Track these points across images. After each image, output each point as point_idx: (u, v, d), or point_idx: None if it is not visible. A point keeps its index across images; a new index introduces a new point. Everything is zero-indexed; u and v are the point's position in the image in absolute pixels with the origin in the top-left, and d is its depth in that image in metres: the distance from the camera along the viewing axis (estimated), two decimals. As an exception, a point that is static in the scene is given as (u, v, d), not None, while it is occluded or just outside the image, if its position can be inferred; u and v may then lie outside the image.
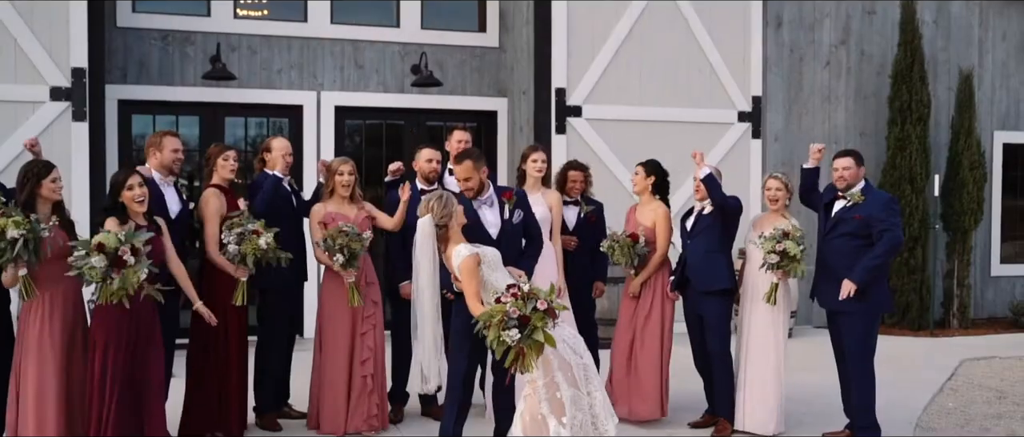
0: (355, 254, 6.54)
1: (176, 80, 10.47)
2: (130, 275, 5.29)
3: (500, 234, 5.99)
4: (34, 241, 5.33)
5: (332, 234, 6.55)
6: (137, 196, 5.72)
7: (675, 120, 11.10)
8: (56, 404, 5.59)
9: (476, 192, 5.94)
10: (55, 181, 5.68)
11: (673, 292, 7.15)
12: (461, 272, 5.49)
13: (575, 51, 10.86)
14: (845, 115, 12.27)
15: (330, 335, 6.75)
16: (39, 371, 5.58)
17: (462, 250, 5.53)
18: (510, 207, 6.06)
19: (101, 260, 5.26)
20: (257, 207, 6.67)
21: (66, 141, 9.21)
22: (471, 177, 5.89)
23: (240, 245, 6.27)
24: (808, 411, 7.46)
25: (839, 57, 12.23)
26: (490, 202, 6.02)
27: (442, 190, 5.73)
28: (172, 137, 6.57)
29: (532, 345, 5.02)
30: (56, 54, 9.24)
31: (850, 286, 6.30)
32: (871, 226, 6.37)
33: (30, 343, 5.60)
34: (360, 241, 6.58)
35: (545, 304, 5.03)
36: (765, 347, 6.82)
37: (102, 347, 5.55)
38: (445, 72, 11.29)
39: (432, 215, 5.57)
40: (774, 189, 6.88)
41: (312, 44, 10.94)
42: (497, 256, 5.64)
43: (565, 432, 5.52)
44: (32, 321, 5.59)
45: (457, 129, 7.62)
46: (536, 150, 7.37)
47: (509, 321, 4.97)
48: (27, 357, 5.60)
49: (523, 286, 5.12)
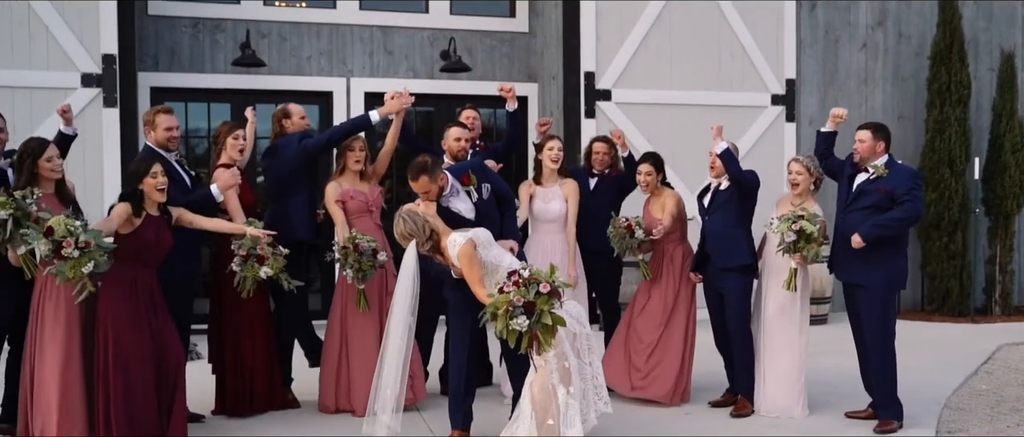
0: (366, 274, 6.56)
1: (207, 67, 10.58)
2: (65, 267, 5.15)
3: (477, 216, 5.99)
4: (24, 216, 5.30)
5: (347, 250, 6.51)
6: (159, 184, 5.78)
7: (706, 103, 10.96)
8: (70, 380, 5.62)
9: (439, 192, 5.91)
10: (51, 160, 5.72)
11: (694, 273, 7.07)
12: (461, 260, 5.52)
13: (604, 35, 10.78)
14: (882, 97, 12.05)
15: (355, 318, 6.75)
16: (49, 351, 5.61)
17: (457, 238, 5.56)
18: (475, 187, 6.04)
19: (46, 245, 5.15)
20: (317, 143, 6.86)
21: (98, 127, 9.35)
22: (430, 189, 5.85)
23: (242, 269, 6.25)
24: (833, 392, 7.33)
25: (876, 38, 12.01)
26: (455, 192, 5.99)
27: (399, 213, 5.71)
28: (166, 114, 6.54)
29: (544, 329, 5.04)
30: (87, 41, 9.38)
31: (858, 239, 6.18)
32: (895, 199, 6.25)
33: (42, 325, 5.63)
34: (374, 263, 6.58)
35: (548, 286, 5.04)
36: (783, 332, 6.72)
37: (109, 326, 5.60)
38: (474, 58, 11.28)
39: (415, 240, 5.62)
40: (795, 172, 6.75)
41: (342, 30, 10.99)
42: (488, 235, 5.69)
43: (573, 401, 5.53)
44: (42, 303, 5.63)
45: (468, 107, 7.70)
46: (551, 139, 7.35)
47: (515, 310, 4.99)
48: (39, 339, 5.64)
49: (523, 272, 5.12)
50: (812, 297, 10.62)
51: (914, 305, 12.08)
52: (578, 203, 7.24)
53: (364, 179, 6.91)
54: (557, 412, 5.54)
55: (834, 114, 6.74)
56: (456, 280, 5.70)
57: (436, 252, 5.67)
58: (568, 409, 5.57)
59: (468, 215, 5.96)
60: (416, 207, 5.81)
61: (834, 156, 6.79)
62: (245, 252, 6.20)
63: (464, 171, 6.07)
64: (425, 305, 7.16)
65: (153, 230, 5.72)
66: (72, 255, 5.11)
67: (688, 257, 7.16)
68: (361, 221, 6.77)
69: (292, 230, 6.82)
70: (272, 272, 6.21)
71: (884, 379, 6.37)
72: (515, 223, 6.29)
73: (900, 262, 6.42)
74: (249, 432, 6.36)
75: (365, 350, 6.67)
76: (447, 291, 5.95)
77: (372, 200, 6.83)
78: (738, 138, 10.58)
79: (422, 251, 5.66)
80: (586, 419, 5.69)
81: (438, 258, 5.70)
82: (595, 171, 7.50)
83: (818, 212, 6.60)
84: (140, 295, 5.71)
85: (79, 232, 5.14)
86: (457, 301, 5.82)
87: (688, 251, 7.20)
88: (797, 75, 11.43)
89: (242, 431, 6.38)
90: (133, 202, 5.68)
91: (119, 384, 5.59)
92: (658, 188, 7.17)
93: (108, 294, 5.61)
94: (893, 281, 6.39)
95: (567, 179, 7.29)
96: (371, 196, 6.83)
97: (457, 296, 5.79)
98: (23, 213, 5.30)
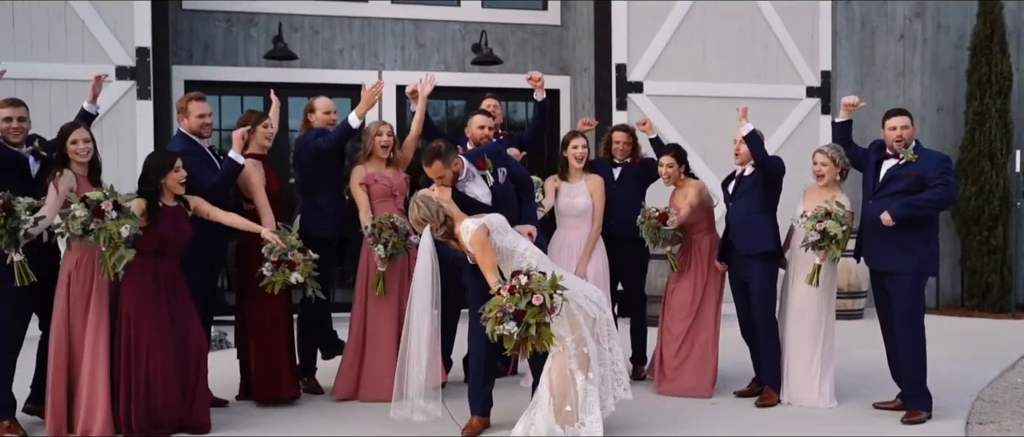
0: (395, 254, 6.57)
1: (240, 61, 10.68)
2: (111, 225, 5.35)
3: (494, 201, 5.97)
4: (8, 235, 5.39)
5: (383, 224, 6.56)
6: (181, 178, 5.87)
7: (739, 96, 10.71)
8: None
9: (454, 177, 5.90)
10: (75, 143, 5.87)
11: (720, 261, 7.01)
12: (473, 246, 5.51)
13: (636, 26, 10.71)
14: (921, 90, 11.86)
15: (374, 307, 6.78)
16: (87, 349, 5.73)
17: (469, 225, 5.55)
18: (491, 171, 6.02)
19: (82, 210, 5.36)
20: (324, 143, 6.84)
21: (131, 118, 9.48)
22: (444, 174, 5.85)
23: (272, 274, 6.26)
24: (863, 384, 7.22)
25: (914, 29, 11.82)
26: (471, 177, 5.98)
27: (414, 198, 5.75)
28: (198, 102, 6.54)
29: (532, 338, 5.05)
30: (121, 34, 9.50)
31: (888, 217, 6.08)
32: (926, 183, 6.14)
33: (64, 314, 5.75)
34: (404, 242, 6.59)
35: (540, 299, 5.02)
36: (808, 323, 6.64)
37: (131, 316, 5.71)
38: (506, 50, 11.27)
39: (429, 226, 5.62)
40: (820, 163, 6.64)
41: (373, 24, 11.03)
42: (502, 221, 5.67)
43: (591, 387, 5.50)
44: (73, 299, 5.75)
45: (489, 96, 7.73)
46: (575, 136, 7.34)
47: (505, 316, 5.00)
48: (72, 335, 5.76)
49: (523, 278, 5.10)
50: (848, 291, 10.54)
51: (954, 300, 11.87)
52: (604, 198, 7.21)
53: (391, 164, 6.92)
54: (575, 398, 5.52)
55: (846, 103, 6.65)
56: (472, 266, 5.69)
57: (450, 238, 5.66)
58: (586, 395, 5.56)
59: (484, 200, 5.95)
60: (431, 192, 5.81)
61: (855, 145, 6.68)
62: (276, 259, 6.23)
63: (480, 155, 6.05)
64: (448, 294, 7.21)
65: (170, 222, 5.79)
66: (111, 215, 5.36)
67: (715, 247, 7.09)
68: (384, 205, 6.79)
69: (317, 226, 6.89)
70: (302, 278, 6.25)
71: (913, 369, 6.26)
72: (533, 208, 6.28)
73: (931, 248, 6.31)
74: (271, 418, 6.39)
75: (382, 339, 6.71)
76: (465, 277, 5.94)
77: (396, 185, 6.85)
78: (772, 131, 10.50)
79: (437, 236, 5.66)
80: (604, 405, 5.66)
81: (453, 244, 5.69)
82: (617, 160, 7.47)
83: (845, 203, 6.50)
84: (161, 285, 5.80)
85: (116, 196, 5.44)
86: (475, 287, 5.80)
87: (715, 241, 7.13)
88: (833, 67, 11.28)
89: (264, 417, 6.41)
90: (149, 203, 5.76)
91: (140, 372, 5.69)
92: (681, 179, 7.11)
93: (129, 284, 5.72)
94: (924, 268, 6.27)
95: (592, 175, 7.27)
96: (395, 181, 6.85)
97: (475, 282, 5.78)
98: (8, 230, 5.38)
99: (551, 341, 5.15)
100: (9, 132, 5.83)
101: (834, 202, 6.41)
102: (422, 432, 5.84)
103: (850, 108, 6.65)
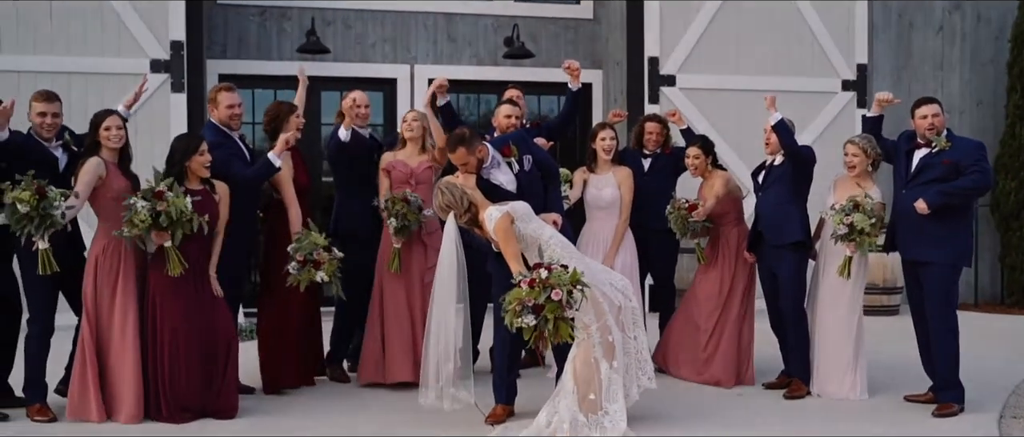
0: (407, 225, 6.59)
1: (273, 55, 10.76)
2: (176, 201, 5.53)
3: (519, 188, 5.96)
4: (39, 218, 5.47)
5: (395, 197, 6.63)
6: (205, 162, 5.92)
7: (773, 89, 10.51)
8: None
9: (478, 164, 5.89)
10: (109, 129, 5.90)
11: (749, 252, 6.94)
12: (496, 234, 5.49)
13: (669, 19, 10.65)
14: (960, 83, 11.68)
15: (390, 287, 6.81)
16: (117, 339, 5.81)
17: (493, 213, 5.53)
18: (517, 158, 6.00)
19: (142, 201, 5.52)
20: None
21: (165, 111, 9.57)
22: (468, 161, 5.84)
23: (298, 272, 6.29)
24: (896, 378, 7.09)
25: (953, 22, 11.65)
26: (496, 164, 5.96)
27: (438, 185, 5.76)
28: (228, 92, 6.56)
29: (550, 331, 5.08)
30: (156, 28, 9.59)
31: (923, 204, 5.98)
32: (961, 170, 6.05)
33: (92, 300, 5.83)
34: (416, 215, 6.61)
35: (559, 294, 5.03)
36: (838, 315, 6.55)
37: (157, 302, 5.78)
38: (539, 44, 11.24)
39: (453, 212, 5.60)
40: (850, 154, 6.56)
41: (405, 18, 11.06)
42: (526, 208, 5.65)
43: (616, 375, 5.47)
44: (96, 285, 5.83)
45: (512, 87, 7.70)
46: (604, 128, 7.31)
47: (524, 309, 5.03)
48: (91, 320, 5.83)
49: (543, 273, 5.10)
50: (883, 287, 10.40)
51: (993, 297, 11.69)
52: (632, 190, 7.17)
53: (423, 151, 6.96)
54: (599, 386, 5.49)
55: (879, 98, 6.55)
56: (497, 254, 5.68)
57: (474, 225, 5.65)
58: (611, 383, 5.52)
59: (509, 187, 5.93)
60: (455, 179, 5.80)
61: (885, 138, 6.59)
62: (302, 257, 6.27)
63: (505, 142, 6.04)
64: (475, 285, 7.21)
65: (196, 206, 5.81)
66: (170, 194, 5.58)
67: (744, 239, 7.03)
68: (401, 190, 6.83)
69: (339, 222, 6.98)
70: (327, 277, 6.29)
71: (946, 361, 6.15)
72: (560, 196, 6.26)
73: (966, 238, 6.21)
74: (297, 404, 6.42)
75: (399, 317, 6.76)
76: (490, 265, 5.93)
77: (416, 172, 6.88)
78: (806, 125, 10.37)
79: (461, 223, 5.65)
80: (628, 394, 5.62)
81: (477, 231, 5.68)
82: (647, 151, 7.43)
83: (876, 194, 6.41)
84: (189, 271, 5.83)
85: (157, 181, 5.68)
86: (499, 276, 5.79)
87: (743, 233, 7.07)
88: (869, 60, 11.13)
89: (290, 404, 6.44)
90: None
91: (164, 356, 5.76)
92: (709, 171, 7.06)
93: (156, 269, 5.79)
94: (958, 258, 6.17)
95: (621, 167, 7.24)
96: (416, 169, 6.89)
97: (499, 270, 5.76)
98: (40, 215, 5.46)
99: (569, 335, 5.16)
100: (43, 128, 5.91)
101: (864, 194, 6.33)
102: (446, 420, 5.84)
103: (883, 104, 6.55)
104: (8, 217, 5.46)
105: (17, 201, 5.41)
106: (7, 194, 5.45)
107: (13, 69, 9.11)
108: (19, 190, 5.43)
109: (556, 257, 5.45)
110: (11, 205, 5.43)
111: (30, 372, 5.97)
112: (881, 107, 6.55)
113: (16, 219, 5.44)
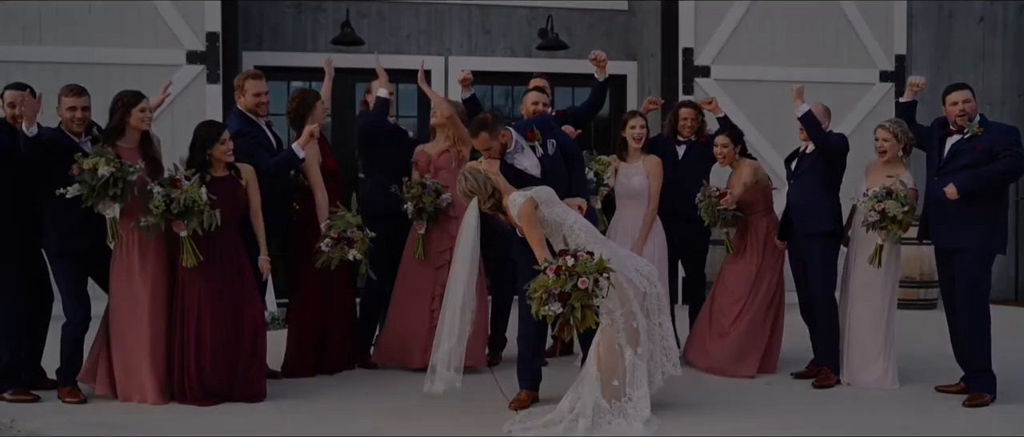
0: (423, 209, 6.65)
1: (309, 46, 10.82)
2: (191, 189, 5.60)
3: (543, 172, 5.95)
4: (123, 181, 5.57)
5: (412, 182, 6.73)
6: (227, 150, 5.96)
7: (810, 80, 10.47)
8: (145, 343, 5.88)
9: (502, 150, 5.88)
10: (144, 111, 5.97)
11: (780, 240, 6.88)
12: (521, 219, 5.48)
13: (703, 10, 10.58)
14: (1001, 75, 11.48)
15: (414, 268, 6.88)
16: (129, 314, 5.88)
17: (517, 198, 5.51)
18: (541, 143, 6.00)
19: (159, 188, 5.60)
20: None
21: (201, 102, 9.65)
22: (491, 146, 5.85)
23: (330, 250, 6.36)
24: (928, 369, 6.98)
25: (995, 12, 11.45)
26: (520, 149, 5.96)
27: (462, 171, 5.75)
28: (254, 80, 6.59)
29: (576, 319, 5.07)
30: (192, 20, 9.70)
31: (953, 189, 5.91)
32: (994, 156, 5.97)
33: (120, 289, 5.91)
34: (433, 198, 6.66)
35: (586, 283, 5.01)
36: (869, 304, 6.49)
37: (186, 287, 5.85)
38: (573, 36, 11.21)
39: (477, 198, 5.58)
40: (881, 139, 6.50)
41: (440, 9, 11.09)
42: (550, 192, 5.63)
43: (640, 362, 5.44)
44: (122, 268, 5.91)
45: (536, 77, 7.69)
46: (634, 116, 7.30)
47: (550, 297, 5.02)
48: (118, 302, 5.92)
49: (569, 260, 5.09)
50: (920, 281, 10.24)
51: (1035, 292, 11.49)
52: (660, 179, 7.13)
53: (448, 141, 7.00)
54: (623, 373, 5.47)
55: (912, 82, 6.49)
56: (521, 239, 5.67)
57: (498, 211, 5.64)
58: (635, 370, 5.50)
59: (533, 172, 5.93)
60: (479, 164, 5.81)
61: (919, 125, 6.51)
62: (336, 234, 6.33)
63: (528, 127, 6.04)
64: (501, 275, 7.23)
65: (222, 193, 5.87)
66: (186, 183, 5.64)
67: (772, 229, 6.98)
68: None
69: (364, 205, 7.00)
70: (359, 255, 6.36)
71: (978, 350, 6.07)
72: (584, 180, 6.28)
73: (1000, 225, 6.13)
74: (324, 389, 6.47)
75: (421, 303, 6.83)
76: (514, 251, 5.92)
77: (435, 160, 6.98)
78: (844, 115, 10.25)
79: (484, 209, 5.65)
80: (652, 381, 5.59)
81: (500, 217, 5.67)
82: (682, 138, 7.38)
83: (908, 181, 6.32)
84: (214, 255, 5.89)
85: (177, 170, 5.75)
86: (523, 262, 5.78)
87: (773, 223, 7.02)
88: (907, 51, 10.99)
89: (317, 388, 6.49)
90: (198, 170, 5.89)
91: (190, 339, 5.82)
92: (737, 160, 7.00)
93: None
94: (991, 244, 6.09)
95: (650, 155, 7.21)
96: (434, 155, 6.99)
97: (523, 257, 5.75)
98: (123, 177, 5.56)
99: (594, 322, 5.15)
100: (73, 122, 5.93)
101: (897, 180, 6.25)
102: (471, 405, 5.86)
103: (915, 88, 6.47)
104: (88, 181, 5.52)
105: (98, 165, 5.50)
106: (86, 161, 5.53)
107: (52, 60, 9.24)
108: (95, 157, 5.54)
109: (580, 243, 5.43)
110: (91, 170, 5.51)
111: (66, 357, 6.03)
112: (913, 92, 6.48)
113: (100, 182, 5.51)
